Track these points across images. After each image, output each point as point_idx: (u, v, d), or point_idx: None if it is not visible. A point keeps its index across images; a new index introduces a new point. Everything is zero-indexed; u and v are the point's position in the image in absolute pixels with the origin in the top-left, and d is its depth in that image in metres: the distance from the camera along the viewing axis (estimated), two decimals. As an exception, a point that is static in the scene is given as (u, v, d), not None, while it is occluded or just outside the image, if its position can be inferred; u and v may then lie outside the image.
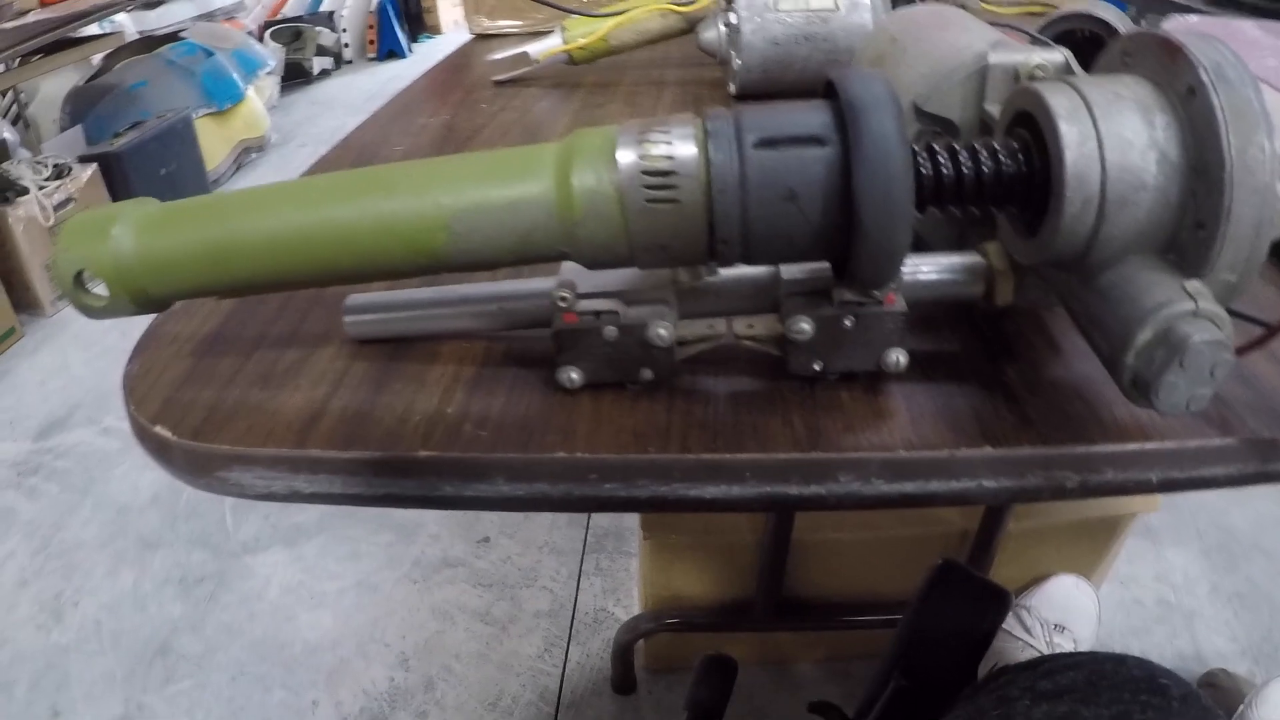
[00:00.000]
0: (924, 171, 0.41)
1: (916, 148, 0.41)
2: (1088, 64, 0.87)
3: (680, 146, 0.38)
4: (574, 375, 0.45)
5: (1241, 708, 1.30)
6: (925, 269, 0.46)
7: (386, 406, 0.45)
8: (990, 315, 0.49)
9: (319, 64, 5.08)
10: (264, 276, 0.43)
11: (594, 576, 1.67)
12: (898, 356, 0.44)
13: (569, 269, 0.45)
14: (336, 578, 1.70)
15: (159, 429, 0.45)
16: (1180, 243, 0.39)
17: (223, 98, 3.61)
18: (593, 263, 0.41)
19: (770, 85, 0.93)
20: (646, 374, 0.45)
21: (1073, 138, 0.38)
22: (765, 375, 0.46)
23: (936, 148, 0.41)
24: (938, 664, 0.80)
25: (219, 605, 1.65)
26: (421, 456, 0.42)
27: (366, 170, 0.43)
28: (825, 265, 0.43)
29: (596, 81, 1.05)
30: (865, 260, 0.38)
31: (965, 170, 0.41)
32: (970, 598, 0.83)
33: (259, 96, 3.95)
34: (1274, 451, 0.43)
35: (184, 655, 1.55)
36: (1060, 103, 0.39)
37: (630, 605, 1.59)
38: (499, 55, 1.05)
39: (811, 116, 0.38)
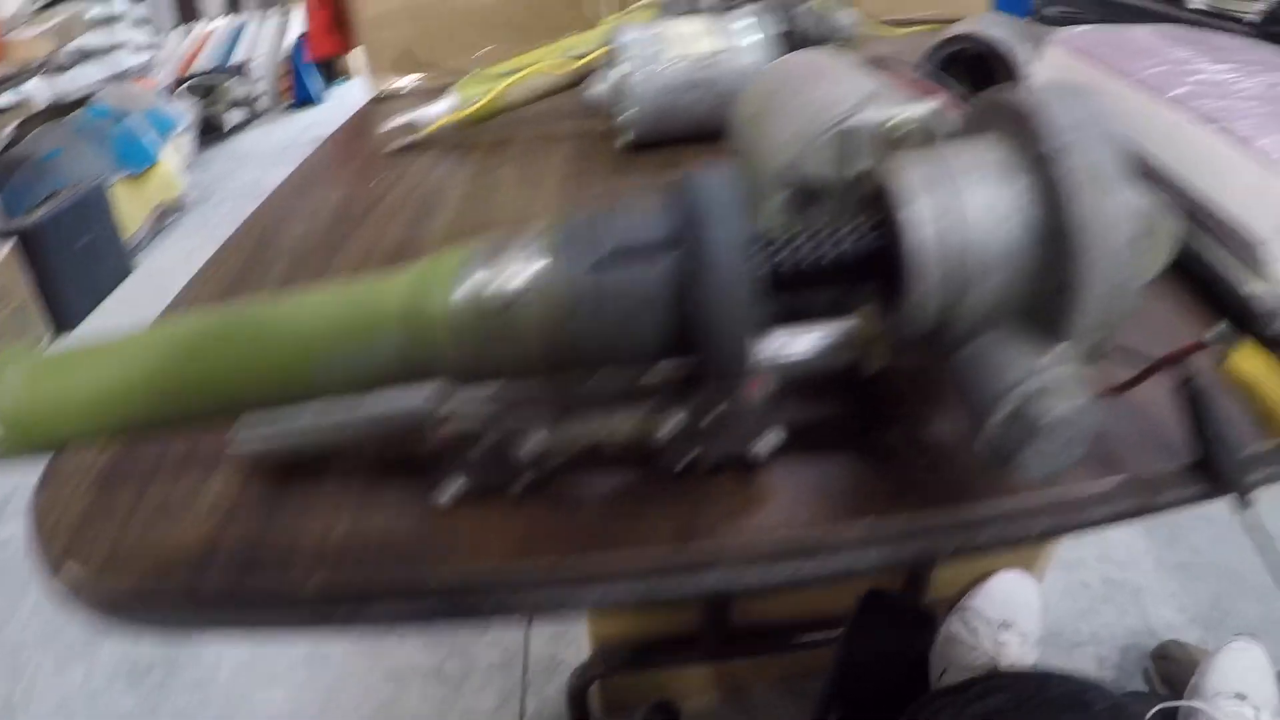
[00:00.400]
0: (775, 262, 0.40)
1: (773, 236, 0.41)
2: (982, 81, 0.87)
3: (527, 267, 0.38)
4: (454, 488, 0.45)
5: (1194, 679, 1.31)
6: (795, 345, 0.47)
7: (280, 531, 0.45)
8: (870, 379, 0.50)
9: (234, 117, 5.04)
10: (146, 420, 0.43)
11: (542, 624, 1.67)
12: (769, 440, 0.45)
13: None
14: (286, 652, 1.68)
15: (67, 569, 0.45)
16: (1042, 308, 0.39)
17: (137, 161, 3.56)
18: (454, 384, 0.41)
19: (660, 134, 0.94)
20: (525, 480, 0.45)
21: (919, 216, 0.38)
22: (642, 469, 0.46)
23: (789, 235, 0.41)
24: (874, 692, 0.82)
25: (170, 692, 1.63)
26: (311, 586, 0.42)
27: (234, 311, 0.43)
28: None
29: (492, 141, 1.05)
30: (712, 365, 0.38)
31: (817, 255, 0.41)
32: (897, 624, 0.84)
33: (175, 155, 3.91)
34: (1159, 487, 0.44)
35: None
36: (908, 181, 0.39)
37: (581, 649, 1.58)
38: (388, 125, 1.04)
39: (655, 226, 0.38)
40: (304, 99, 5.47)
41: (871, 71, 0.59)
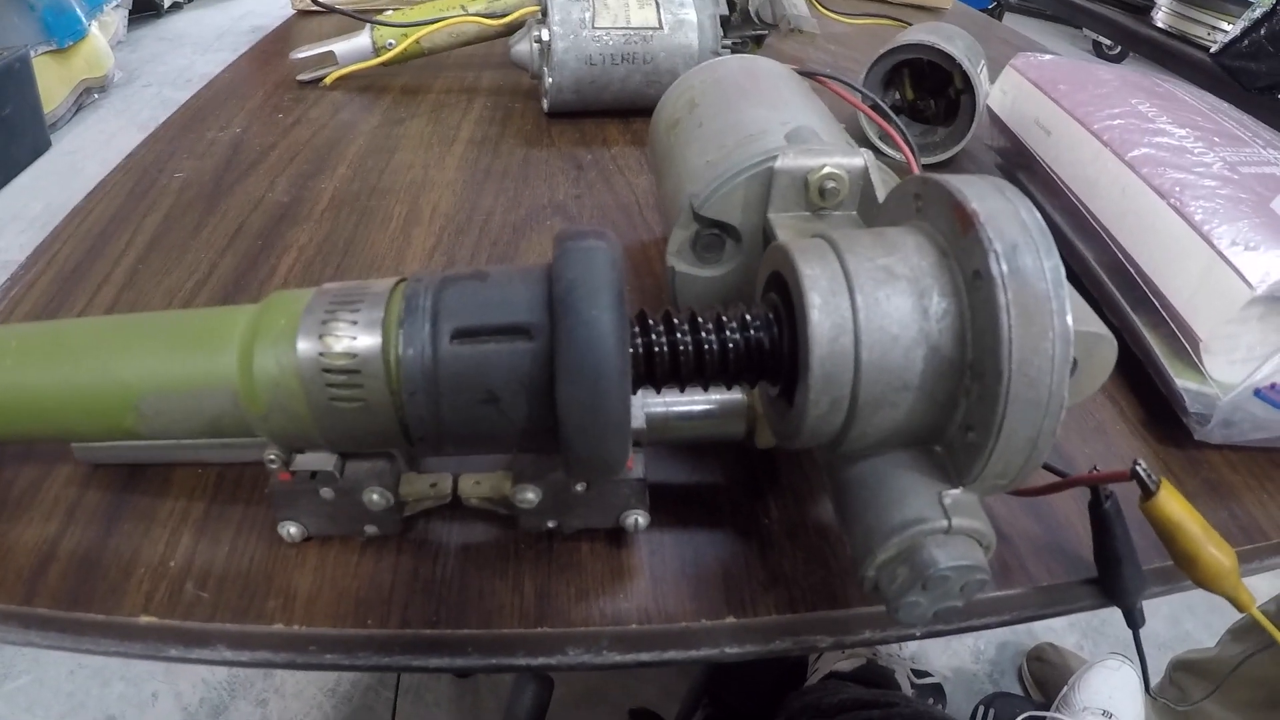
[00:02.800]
0: (655, 351, 0.36)
1: (651, 319, 0.37)
2: (930, 92, 0.82)
3: (364, 339, 0.34)
4: (293, 530, 0.42)
5: (1065, 690, 1.32)
6: (680, 407, 0.43)
7: (114, 553, 0.43)
8: (758, 452, 0.46)
9: (171, -4, 4.80)
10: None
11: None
12: (636, 518, 0.42)
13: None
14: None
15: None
16: (948, 439, 0.35)
17: (64, 34, 3.36)
18: (288, 448, 0.38)
19: (584, 105, 0.90)
20: (371, 530, 0.42)
21: (823, 331, 0.33)
22: (500, 526, 0.44)
23: (673, 321, 0.37)
24: (743, 695, 0.81)
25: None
26: (142, 623, 0.40)
27: (56, 329, 0.40)
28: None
29: (406, 86, 1.00)
30: (574, 466, 0.35)
31: (705, 347, 0.36)
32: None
33: (103, 32, 3.71)
34: (1053, 597, 0.44)
35: (19, 651, 1.48)
36: (816, 283, 0.34)
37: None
38: (303, 53, 0.98)
39: (519, 300, 0.34)
40: (245, -17, 5.21)
41: (807, 95, 0.56)
